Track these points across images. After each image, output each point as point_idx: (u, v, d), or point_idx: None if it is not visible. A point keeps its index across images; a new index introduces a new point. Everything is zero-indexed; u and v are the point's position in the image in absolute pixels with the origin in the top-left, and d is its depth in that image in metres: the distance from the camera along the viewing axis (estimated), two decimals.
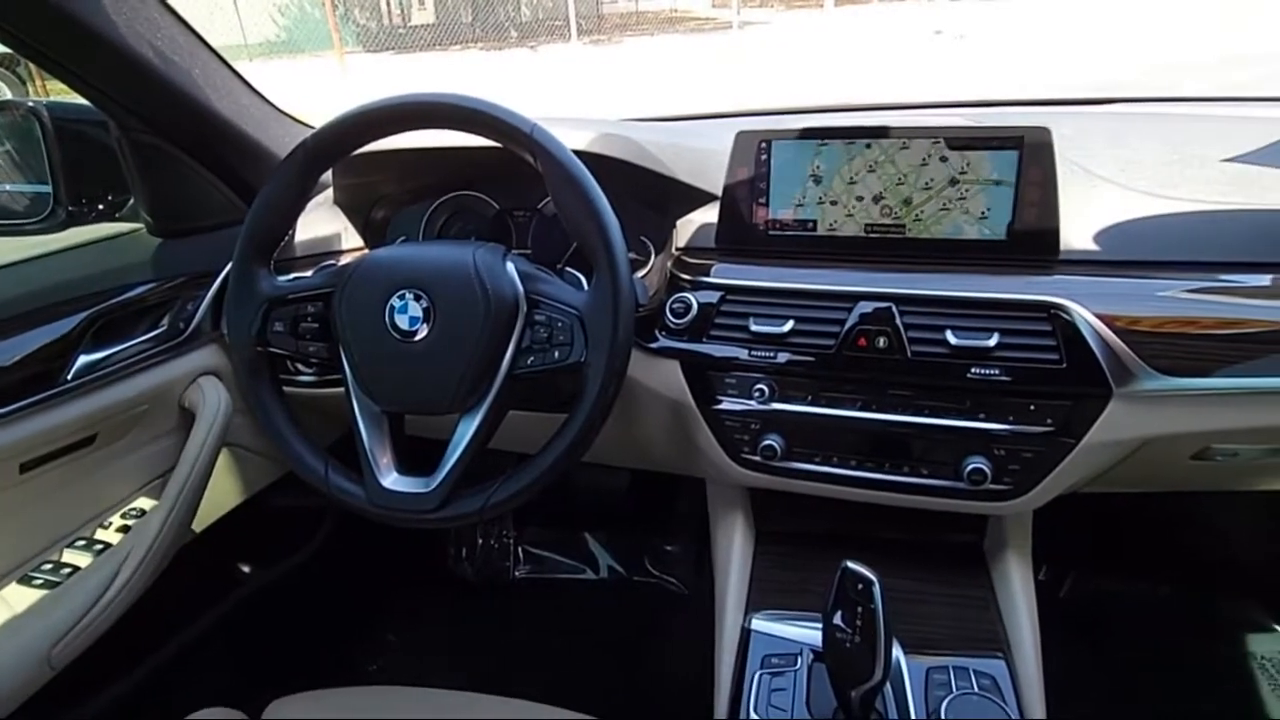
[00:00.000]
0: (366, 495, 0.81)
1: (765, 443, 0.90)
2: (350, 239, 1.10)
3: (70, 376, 0.89)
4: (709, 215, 0.94)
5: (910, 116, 0.96)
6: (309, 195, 0.86)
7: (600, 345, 0.76)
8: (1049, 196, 0.81)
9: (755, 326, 0.87)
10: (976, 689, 0.78)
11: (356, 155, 0.87)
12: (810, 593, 0.91)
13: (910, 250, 0.87)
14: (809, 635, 0.85)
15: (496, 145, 0.80)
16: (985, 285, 0.83)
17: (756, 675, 0.84)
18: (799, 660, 0.83)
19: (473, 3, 12.69)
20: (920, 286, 0.84)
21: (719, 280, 0.90)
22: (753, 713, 0.80)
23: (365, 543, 1.61)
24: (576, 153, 0.78)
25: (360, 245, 1.10)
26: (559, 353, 0.78)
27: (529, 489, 0.79)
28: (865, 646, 0.66)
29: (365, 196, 1.12)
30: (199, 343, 1.03)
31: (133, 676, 1.18)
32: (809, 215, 0.89)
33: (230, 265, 0.86)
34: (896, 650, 0.79)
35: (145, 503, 1.01)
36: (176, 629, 1.28)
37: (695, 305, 0.89)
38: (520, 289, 0.80)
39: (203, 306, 1.03)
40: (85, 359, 0.91)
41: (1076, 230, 0.83)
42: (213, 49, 0.99)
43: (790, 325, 0.86)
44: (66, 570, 0.92)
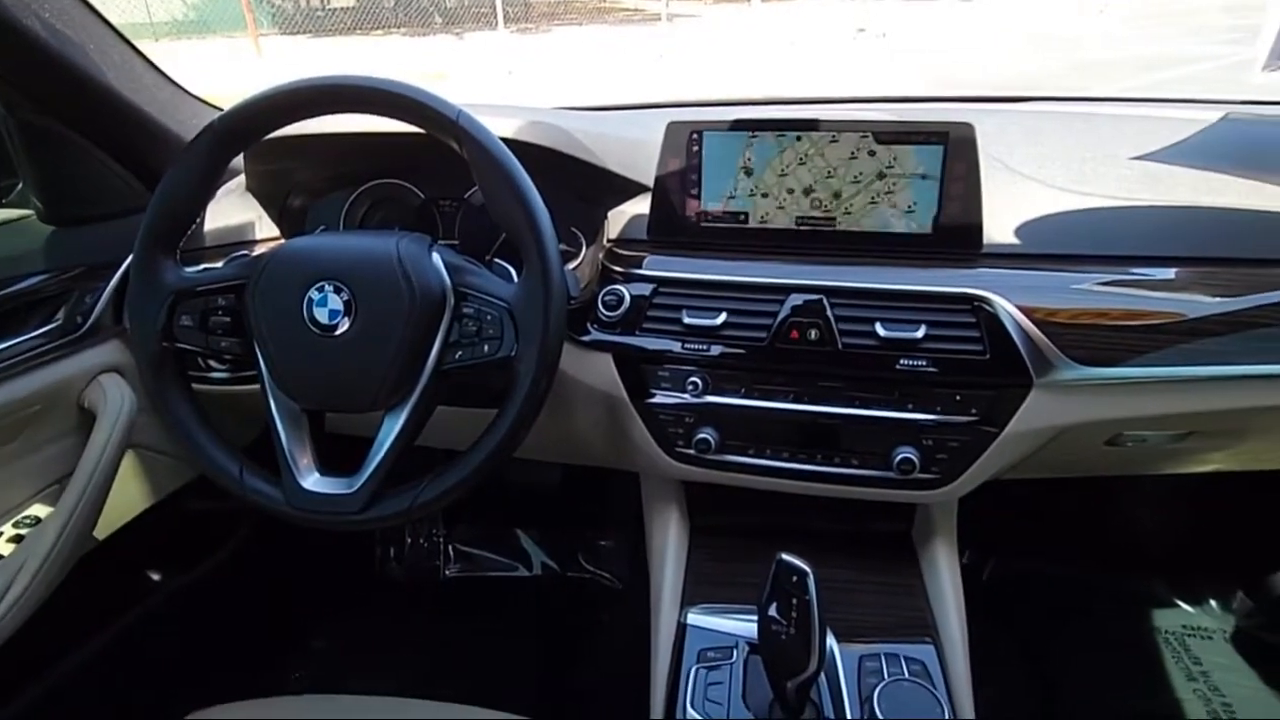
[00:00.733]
0: (285, 497, 0.78)
1: (699, 436, 0.90)
2: (265, 228, 1.05)
3: None
4: (641, 206, 0.93)
5: (839, 111, 0.97)
6: (218, 181, 0.81)
7: (531, 339, 0.75)
8: (972, 191, 0.83)
9: (688, 319, 0.87)
10: (907, 675, 0.79)
11: (270, 140, 0.83)
12: (745, 585, 0.91)
13: (840, 243, 0.88)
14: (745, 628, 0.85)
15: (421, 132, 0.77)
16: (912, 278, 0.84)
17: (693, 670, 0.83)
18: (735, 653, 0.83)
19: None
20: (850, 279, 0.85)
21: (651, 272, 0.89)
22: (689, 708, 0.80)
23: (286, 546, 1.55)
24: (504, 141, 0.76)
25: (276, 235, 1.05)
26: (488, 347, 0.76)
27: (459, 487, 0.77)
28: (800, 638, 0.66)
29: (280, 183, 1.07)
30: (99, 338, 0.97)
31: (29, 696, 1.10)
32: (741, 207, 0.89)
33: (132, 255, 0.80)
34: (830, 640, 0.80)
35: (40, 510, 0.94)
36: (80, 643, 1.20)
37: (628, 298, 0.88)
38: (447, 281, 0.77)
39: (103, 299, 0.96)
40: None
41: (998, 224, 0.86)
42: (110, 24, 0.92)
43: (723, 317, 0.86)
44: None
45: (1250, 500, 1.46)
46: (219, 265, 0.87)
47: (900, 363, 0.83)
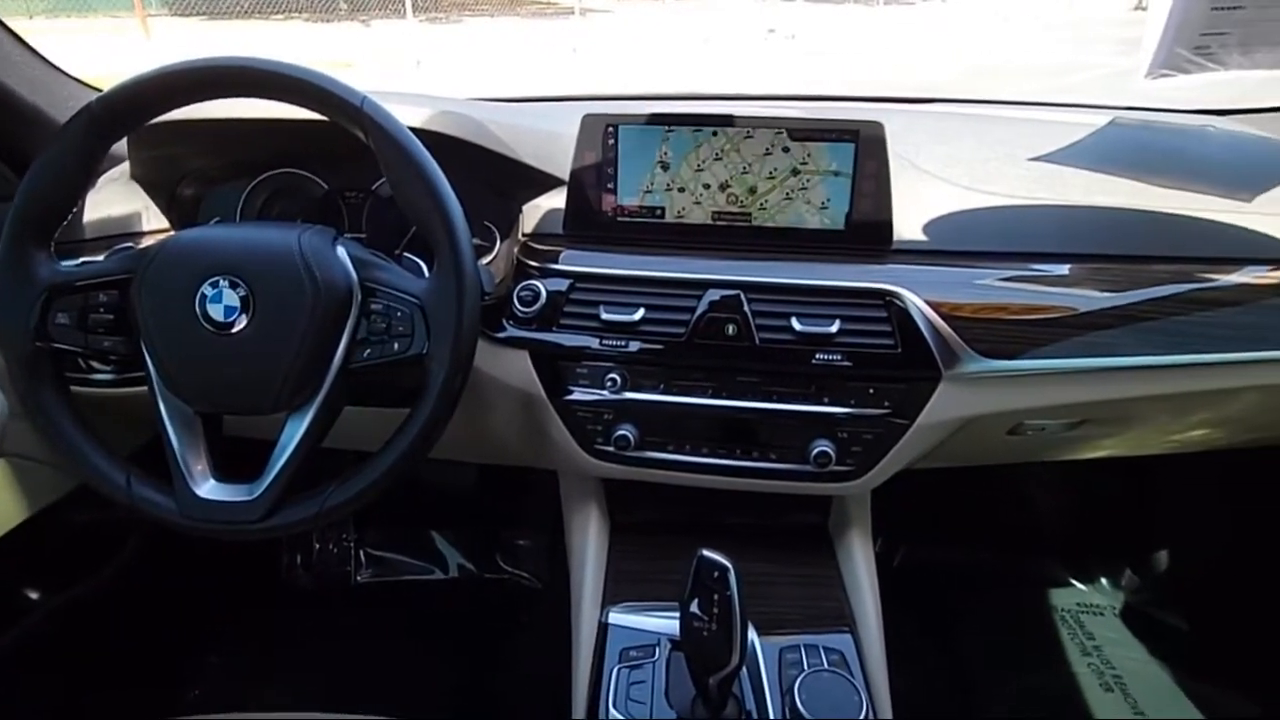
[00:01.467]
0: (179, 507, 0.73)
1: (618, 433, 0.89)
2: (153, 219, 0.98)
3: None
4: (556, 200, 0.91)
5: (754, 107, 0.98)
6: (97, 167, 0.75)
7: (444, 336, 0.72)
8: (883, 189, 0.85)
9: (606, 315, 0.86)
10: (826, 665, 0.80)
11: (159, 124, 0.78)
12: (666, 582, 0.91)
13: (756, 238, 0.88)
14: (666, 625, 0.85)
15: (325, 120, 0.74)
16: (826, 273, 0.85)
17: (615, 670, 0.83)
18: (657, 651, 0.83)
19: None
20: (767, 274, 0.85)
21: (568, 267, 0.88)
22: (611, 709, 0.79)
23: (182, 557, 1.46)
24: (413, 130, 0.73)
25: (165, 227, 0.98)
26: (398, 344, 0.73)
27: (369, 491, 0.74)
28: (722, 633, 0.66)
29: (170, 171, 1.00)
30: None
31: None
32: (657, 202, 0.88)
33: None
34: (751, 633, 0.81)
35: None
36: None
37: (544, 293, 0.87)
38: (354, 276, 0.74)
39: None
40: None
41: (906, 221, 0.88)
42: None
43: (641, 313, 0.85)
44: None
45: (1136, 484, 1.56)
46: (100, 258, 0.81)
47: (816, 357, 0.84)
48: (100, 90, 0.75)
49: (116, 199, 0.97)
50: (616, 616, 0.90)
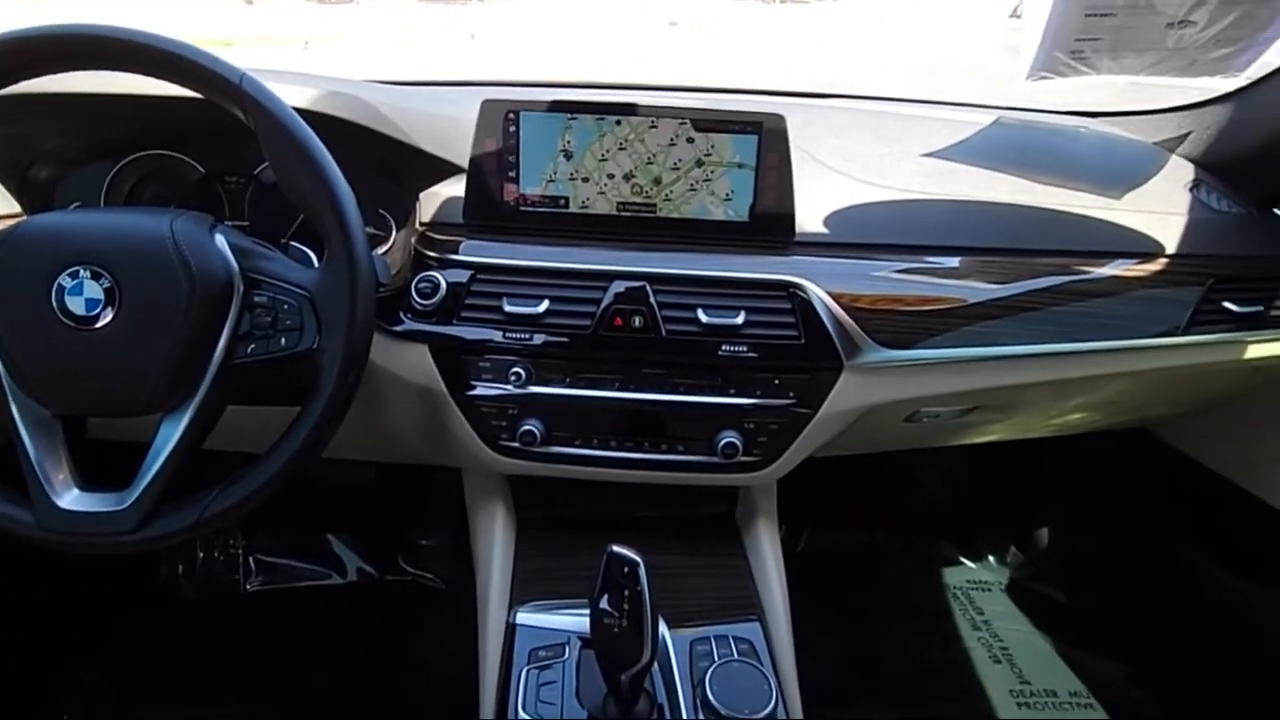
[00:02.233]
0: (36, 520, 0.67)
1: (524, 428, 0.86)
2: (2, 203, 0.89)
3: None
4: (455, 189, 0.88)
5: (657, 98, 0.97)
6: None
7: (336, 329, 0.68)
8: (785, 181, 0.86)
9: (509, 307, 0.83)
10: (736, 655, 0.81)
11: (5, 97, 0.70)
12: (575, 579, 0.89)
13: (661, 229, 0.87)
14: (576, 623, 0.83)
15: (199, 97, 0.68)
16: (731, 265, 0.86)
17: (524, 671, 0.81)
18: (567, 650, 0.81)
19: None
20: (672, 266, 0.85)
21: (468, 258, 0.85)
22: (520, 710, 0.77)
23: (47, 571, 1.34)
24: (298, 112, 0.68)
25: (16, 212, 0.89)
26: (286, 339, 0.69)
27: (256, 496, 0.69)
28: (633, 629, 0.65)
29: (20, 151, 0.90)
30: None
31: None
32: (561, 191, 0.86)
33: None
34: (661, 627, 0.80)
35: None
36: None
37: (443, 285, 0.83)
38: (234, 266, 0.69)
39: None
40: None
41: (807, 213, 0.89)
42: None
43: (545, 305, 0.83)
44: None
45: (1020, 466, 1.65)
46: None
47: (722, 349, 0.84)
48: None
49: None
50: (524, 616, 0.88)
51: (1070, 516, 1.66)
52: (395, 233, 0.93)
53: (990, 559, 1.72)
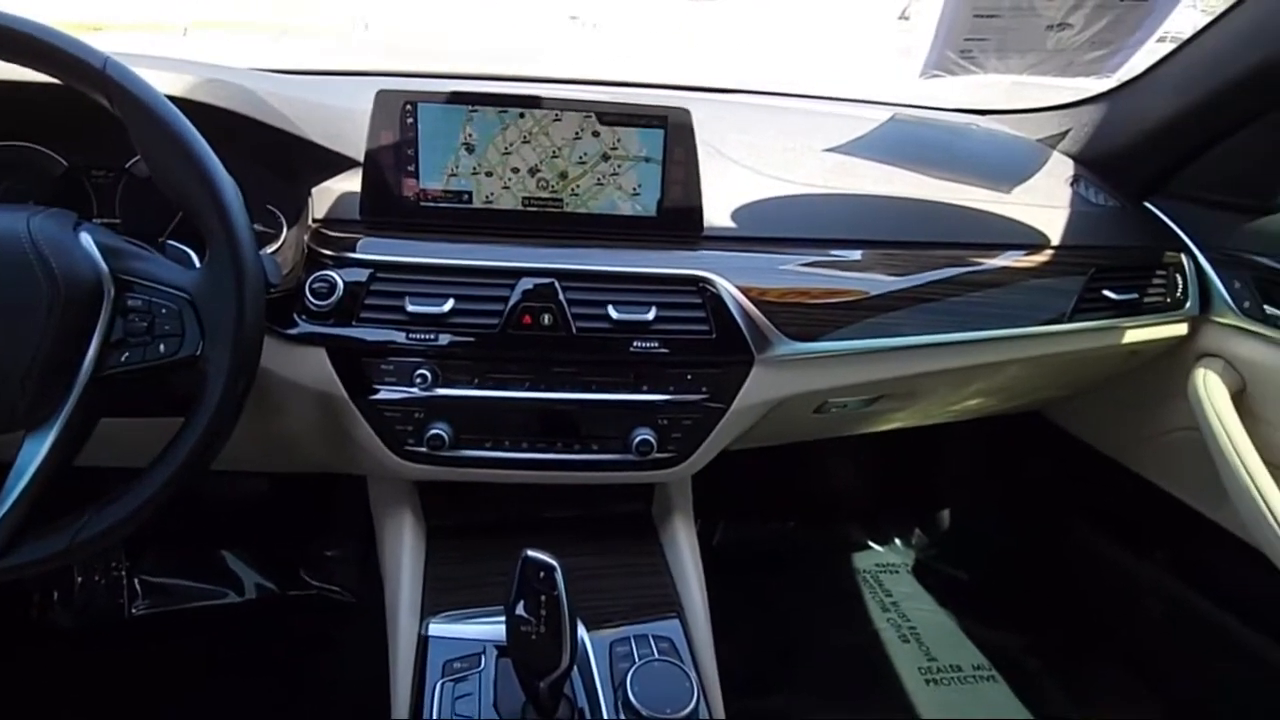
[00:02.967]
0: None
1: (431, 432, 0.83)
2: None
3: None
4: (350, 183, 0.84)
5: (561, 90, 0.95)
6: None
7: (221, 335, 0.64)
8: (692, 175, 0.86)
9: (412, 307, 0.80)
10: (656, 654, 0.80)
11: None
12: (489, 586, 0.87)
13: (569, 225, 0.86)
14: (491, 632, 0.81)
15: (58, 83, 0.63)
16: (641, 260, 0.85)
17: (438, 684, 0.77)
18: (483, 660, 0.79)
19: None
20: (581, 262, 0.83)
21: (367, 256, 0.81)
22: None
23: None
24: (173, 101, 0.64)
25: None
26: (165, 346, 0.64)
27: (136, 516, 0.64)
28: (551, 635, 0.64)
29: None
30: None
31: None
32: (463, 186, 0.83)
33: None
34: (580, 630, 0.79)
35: None
36: None
37: (340, 284, 0.79)
38: (103, 267, 0.63)
39: None
40: None
41: (715, 208, 0.89)
42: None
43: (450, 304, 0.80)
44: None
45: (923, 451, 1.72)
46: None
47: (634, 345, 0.83)
48: None
49: None
50: (437, 627, 0.84)
51: (970, 498, 1.74)
52: (286, 230, 0.87)
53: (897, 542, 1.78)
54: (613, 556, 0.98)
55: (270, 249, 0.86)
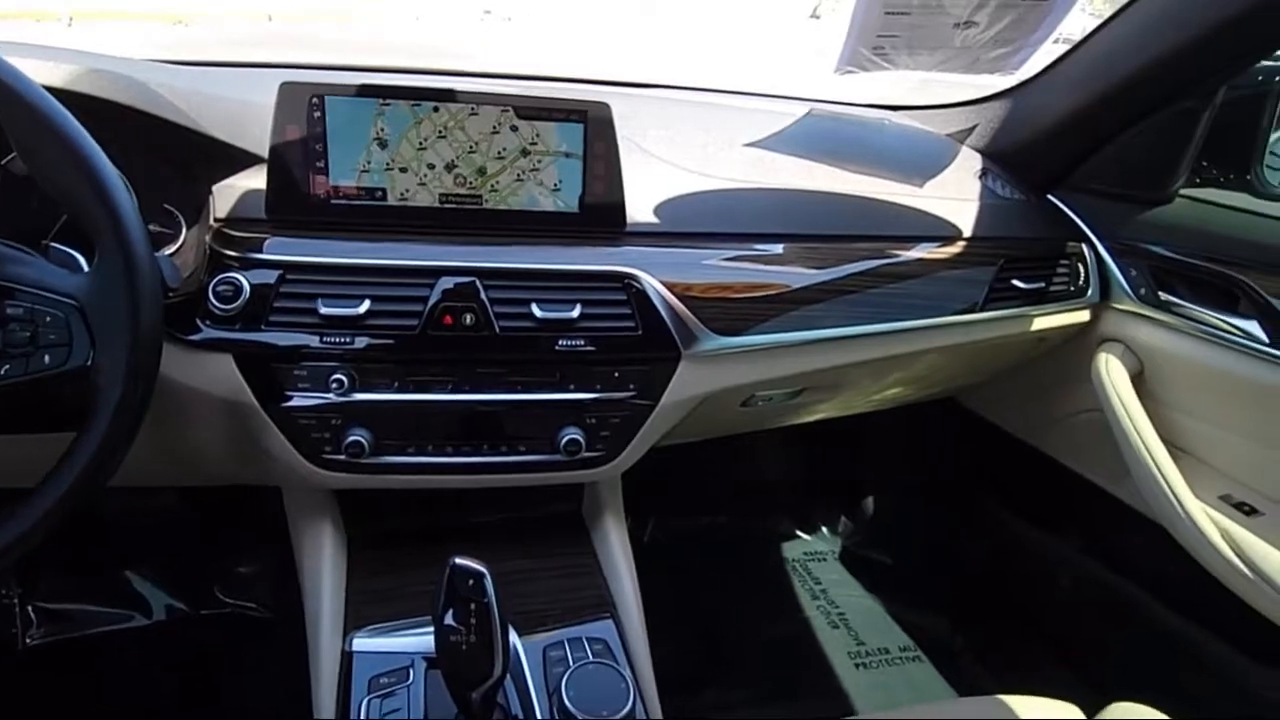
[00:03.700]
0: None
1: (350, 439, 0.80)
2: None
3: None
4: (254, 180, 0.79)
5: (477, 84, 0.93)
6: None
7: (113, 343, 0.60)
8: (613, 170, 0.85)
9: (325, 309, 0.76)
10: (591, 656, 0.79)
11: None
12: (416, 596, 0.84)
13: (489, 222, 0.83)
14: (419, 643, 0.78)
15: None
16: (564, 257, 0.83)
17: (364, 701, 0.74)
18: (411, 673, 0.76)
19: None
20: (503, 259, 0.81)
21: (275, 257, 0.77)
22: None
23: None
24: (52, 92, 0.59)
25: None
26: (50, 356, 0.60)
27: (24, 540, 0.60)
28: (482, 643, 0.62)
29: None
30: None
31: None
32: (377, 183, 0.80)
33: None
34: (512, 636, 0.77)
35: None
36: None
37: (247, 287, 0.75)
38: None
39: None
40: None
41: (638, 203, 0.88)
42: None
43: (366, 306, 0.77)
44: None
45: (847, 441, 1.76)
46: None
47: (559, 343, 0.82)
48: None
49: None
50: (361, 642, 0.81)
51: (892, 484, 1.79)
52: (185, 230, 0.82)
53: (824, 530, 1.82)
54: (544, 559, 0.96)
55: (168, 250, 0.81)
